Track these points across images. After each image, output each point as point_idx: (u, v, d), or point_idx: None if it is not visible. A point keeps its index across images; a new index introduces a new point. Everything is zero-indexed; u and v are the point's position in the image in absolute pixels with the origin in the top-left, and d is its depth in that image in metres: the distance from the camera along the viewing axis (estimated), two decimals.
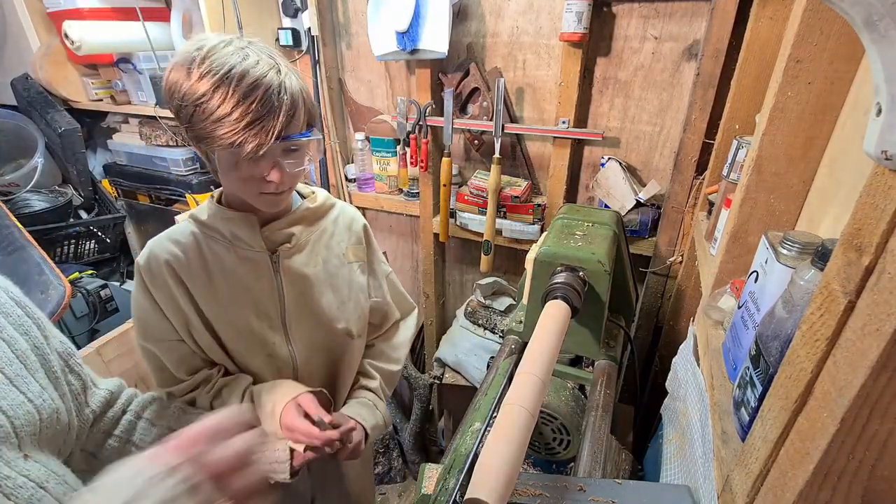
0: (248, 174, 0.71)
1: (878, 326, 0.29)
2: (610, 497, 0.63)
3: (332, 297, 0.89)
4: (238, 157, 0.69)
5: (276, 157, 0.72)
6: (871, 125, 0.30)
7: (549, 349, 0.68)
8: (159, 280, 0.79)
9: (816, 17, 0.61)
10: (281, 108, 0.67)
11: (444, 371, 1.83)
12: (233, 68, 0.65)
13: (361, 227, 0.97)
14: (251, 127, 0.65)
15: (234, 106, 0.64)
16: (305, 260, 0.86)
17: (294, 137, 0.71)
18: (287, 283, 0.84)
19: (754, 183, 0.74)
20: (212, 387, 0.85)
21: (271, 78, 0.67)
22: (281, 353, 0.87)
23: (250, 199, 0.76)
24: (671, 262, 1.39)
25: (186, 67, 0.66)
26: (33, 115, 1.96)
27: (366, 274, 0.97)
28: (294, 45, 1.61)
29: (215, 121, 0.65)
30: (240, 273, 0.82)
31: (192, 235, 0.81)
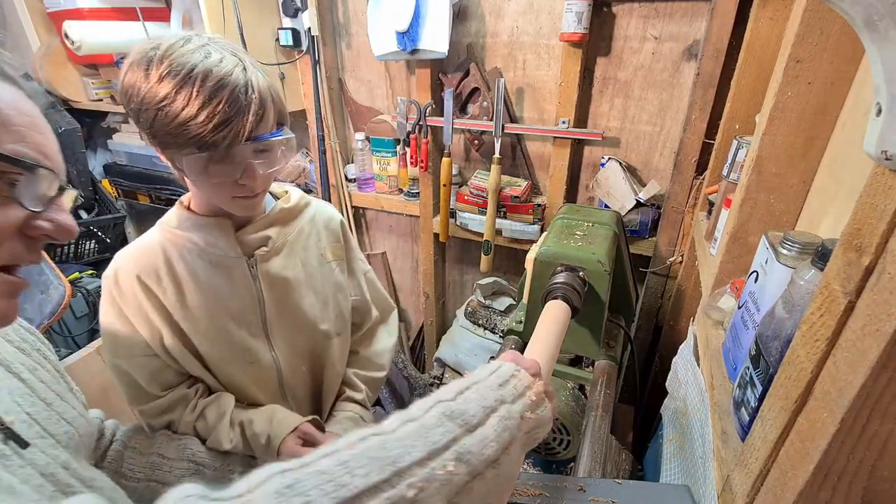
0: (218, 178, 0.67)
1: (878, 326, 0.29)
2: (610, 497, 0.63)
3: (314, 298, 0.87)
4: (207, 162, 0.65)
5: (247, 158, 0.67)
6: (871, 125, 0.30)
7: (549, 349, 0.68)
8: (128, 293, 0.75)
9: (816, 17, 0.61)
10: (249, 107, 0.63)
11: (444, 371, 1.83)
12: (195, 67, 0.61)
13: (339, 225, 0.94)
14: (219, 129, 0.62)
15: (200, 108, 0.60)
16: (283, 262, 0.82)
17: (265, 137, 0.68)
18: (266, 288, 0.81)
19: (754, 183, 0.74)
20: (193, 408, 0.81)
21: (237, 76, 0.63)
22: (264, 360, 0.84)
23: (223, 205, 0.72)
24: (671, 262, 1.39)
25: (144, 68, 0.61)
26: None
27: (345, 273, 0.94)
28: (294, 45, 1.61)
29: (180, 124, 0.61)
30: (214, 281, 0.78)
31: (161, 245, 0.77)
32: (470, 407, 0.42)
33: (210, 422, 0.81)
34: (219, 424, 0.80)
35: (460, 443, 0.38)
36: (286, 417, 0.82)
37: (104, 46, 1.79)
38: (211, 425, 0.81)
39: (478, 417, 0.41)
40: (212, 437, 0.80)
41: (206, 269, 0.77)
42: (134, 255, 0.76)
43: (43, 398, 0.54)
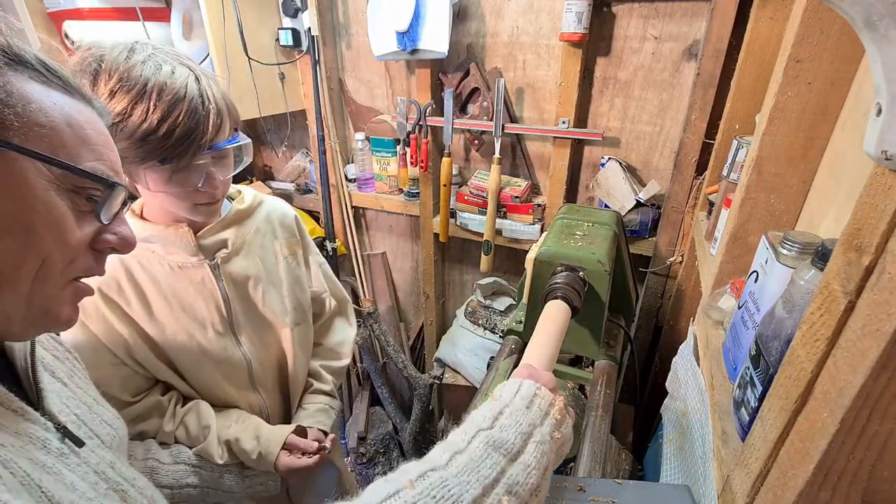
0: (179, 189, 0.68)
1: (878, 326, 0.29)
2: (610, 497, 0.63)
3: (275, 293, 0.89)
4: (168, 174, 0.65)
5: (207, 167, 0.69)
6: (871, 125, 0.30)
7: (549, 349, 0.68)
8: (90, 308, 0.75)
9: (816, 17, 0.61)
10: (208, 117, 0.65)
11: (444, 371, 1.83)
12: (148, 81, 0.61)
13: (293, 221, 0.96)
14: (181, 142, 0.62)
15: (160, 121, 0.60)
16: (244, 262, 0.84)
17: (223, 146, 0.69)
18: (230, 288, 0.82)
19: (754, 183, 0.74)
20: (171, 416, 0.82)
21: (192, 87, 0.64)
22: (234, 357, 0.85)
23: (183, 213, 0.73)
24: (671, 262, 1.39)
25: (89, 82, 0.61)
26: None
27: (301, 266, 0.97)
28: (294, 45, 1.61)
29: (140, 139, 0.60)
30: (178, 288, 0.78)
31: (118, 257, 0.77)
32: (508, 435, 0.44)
33: (192, 432, 0.82)
34: (206, 439, 0.82)
35: (507, 474, 0.41)
36: (272, 434, 0.86)
37: None
38: (194, 436, 0.82)
39: (517, 445, 0.44)
40: (201, 449, 0.82)
41: (168, 275, 0.78)
42: None
43: (84, 402, 0.56)
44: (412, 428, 2.07)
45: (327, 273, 1.07)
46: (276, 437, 0.86)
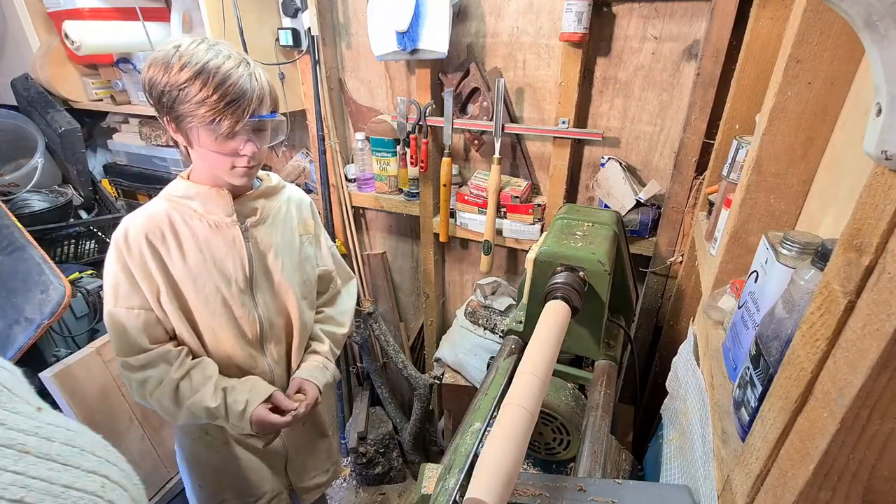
0: (225, 149, 0.83)
1: (878, 326, 0.29)
2: (610, 497, 0.63)
3: (289, 263, 1.02)
4: (217, 134, 0.80)
5: (248, 134, 0.84)
6: (871, 125, 0.30)
7: (549, 349, 0.68)
8: (135, 250, 0.87)
9: (816, 17, 0.61)
10: (253, 92, 0.81)
11: (444, 371, 1.83)
12: (209, 62, 0.78)
13: (309, 205, 1.12)
14: (229, 107, 0.78)
15: (214, 90, 0.77)
16: (268, 230, 0.98)
17: (264, 117, 0.85)
18: (255, 251, 0.96)
19: (754, 183, 0.74)
20: (180, 365, 0.93)
21: (242, 70, 0.81)
22: (250, 315, 0.98)
23: (223, 174, 0.87)
24: (671, 262, 1.39)
25: (164, 63, 0.78)
26: (33, 115, 1.95)
27: (313, 246, 1.11)
28: (294, 45, 1.61)
29: (198, 102, 0.77)
30: (212, 243, 0.91)
31: (166, 212, 0.90)
32: None
33: (195, 382, 0.93)
34: (204, 385, 0.93)
35: None
36: (264, 387, 0.98)
37: (104, 46, 1.79)
38: (195, 386, 0.92)
39: None
40: (196, 397, 0.91)
41: (205, 231, 0.91)
42: (143, 218, 0.89)
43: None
44: (412, 428, 2.07)
45: (335, 255, 1.20)
46: (264, 389, 0.98)
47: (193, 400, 0.92)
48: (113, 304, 0.89)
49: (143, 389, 0.91)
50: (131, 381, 0.92)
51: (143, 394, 0.92)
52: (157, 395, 0.91)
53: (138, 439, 1.47)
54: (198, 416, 0.93)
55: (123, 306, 0.89)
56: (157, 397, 0.91)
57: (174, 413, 0.93)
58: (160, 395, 0.91)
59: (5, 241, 1.41)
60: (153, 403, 0.93)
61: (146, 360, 0.91)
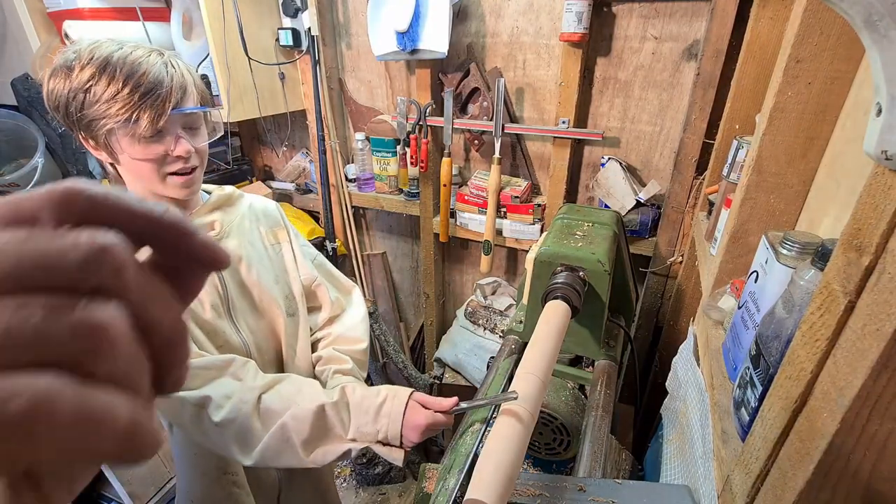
0: (152, 153, 0.71)
1: (878, 326, 0.29)
2: (610, 497, 0.63)
3: (267, 275, 0.89)
4: (138, 134, 0.69)
5: (176, 131, 0.72)
6: (871, 125, 0.30)
7: (549, 349, 0.68)
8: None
9: (816, 17, 0.61)
10: (172, 80, 0.69)
11: (444, 371, 1.83)
12: (113, 54, 0.67)
13: (275, 209, 0.98)
14: (145, 98, 0.67)
15: (125, 82, 0.66)
16: (236, 244, 0.86)
17: (190, 109, 0.73)
18: (226, 270, 0.82)
19: (754, 183, 0.74)
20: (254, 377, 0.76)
21: (154, 58, 0.70)
22: (233, 343, 0.84)
23: (158, 187, 0.74)
24: (671, 262, 1.39)
25: (66, 68, 0.67)
26: (33, 115, 1.96)
27: (286, 254, 0.96)
28: (294, 45, 1.61)
29: (108, 100, 0.66)
30: None
31: None
32: None
33: (285, 392, 0.75)
34: (300, 390, 0.76)
35: None
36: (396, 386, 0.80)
37: None
38: (286, 395, 0.74)
39: None
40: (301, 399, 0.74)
41: None
42: None
43: None
44: None
45: (322, 265, 1.04)
46: (401, 387, 0.80)
47: (299, 408, 0.72)
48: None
49: (203, 412, 0.70)
50: (186, 405, 0.70)
51: (199, 419, 0.70)
52: (229, 413, 0.70)
53: None
54: (300, 431, 0.72)
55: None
56: (230, 416, 0.70)
57: (257, 434, 0.71)
58: (235, 411, 0.70)
59: None
60: (222, 428, 0.70)
61: (205, 365, 0.72)
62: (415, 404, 0.76)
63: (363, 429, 0.74)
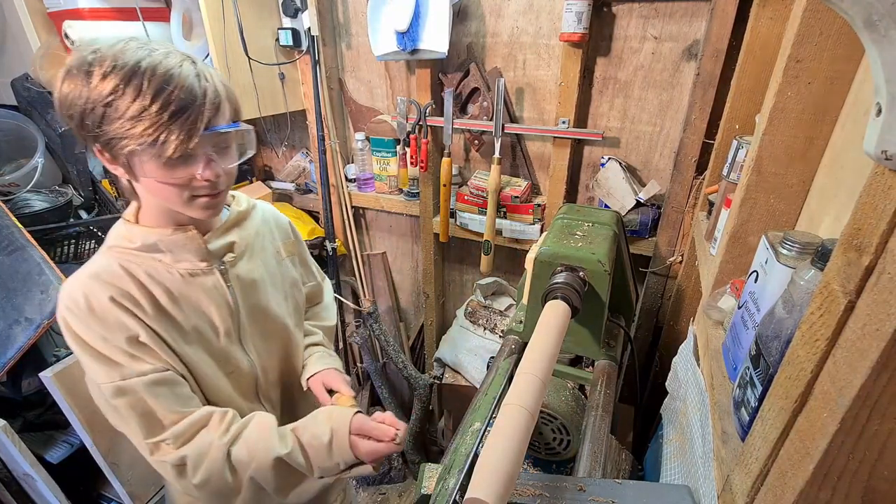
0: (178, 177, 0.64)
1: (878, 326, 0.29)
2: (610, 497, 0.63)
3: (277, 296, 0.87)
4: (165, 157, 0.60)
5: (207, 152, 0.64)
6: (871, 125, 0.30)
7: (549, 349, 0.68)
8: (110, 319, 0.67)
9: (816, 17, 0.61)
10: (205, 96, 0.61)
11: (444, 371, 1.83)
12: (141, 60, 0.58)
13: (287, 223, 0.96)
14: (175, 118, 0.58)
15: (153, 98, 0.57)
16: (249, 265, 0.81)
17: (223, 128, 0.65)
18: (239, 293, 0.79)
19: (754, 183, 0.74)
20: (224, 430, 0.73)
21: (186, 68, 0.61)
22: (243, 367, 0.82)
23: (182, 209, 0.68)
24: (671, 262, 1.39)
25: (84, 71, 0.59)
26: (33, 115, 1.95)
27: (297, 267, 0.96)
28: (294, 45, 1.61)
29: (132, 118, 0.57)
30: (189, 295, 0.73)
31: (123, 269, 0.70)
32: None
33: (251, 442, 0.73)
34: (266, 439, 0.73)
35: None
36: (342, 411, 0.78)
37: None
38: (252, 447, 0.72)
39: None
40: (260, 455, 0.72)
41: (179, 284, 0.73)
42: (94, 281, 0.68)
43: None
44: (412, 428, 2.06)
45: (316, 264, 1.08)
46: (344, 413, 0.77)
47: (258, 461, 0.71)
48: (119, 378, 0.67)
49: (184, 471, 0.69)
50: (165, 466, 0.70)
51: (182, 477, 0.70)
52: (205, 472, 0.69)
53: None
54: (267, 481, 0.72)
55: (134, 375, 0.67)
56: (205, 476, 0.69)
57: (233, 489, 0.71)
58: (209, 470, 0.69)
59: (5, 241, 1.42)
60: (202, 488, 0.70)
61: (182, 430, 0.70)
62: (355, 439, 0.74)
63: (323, 465, 0.74)
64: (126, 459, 1.43)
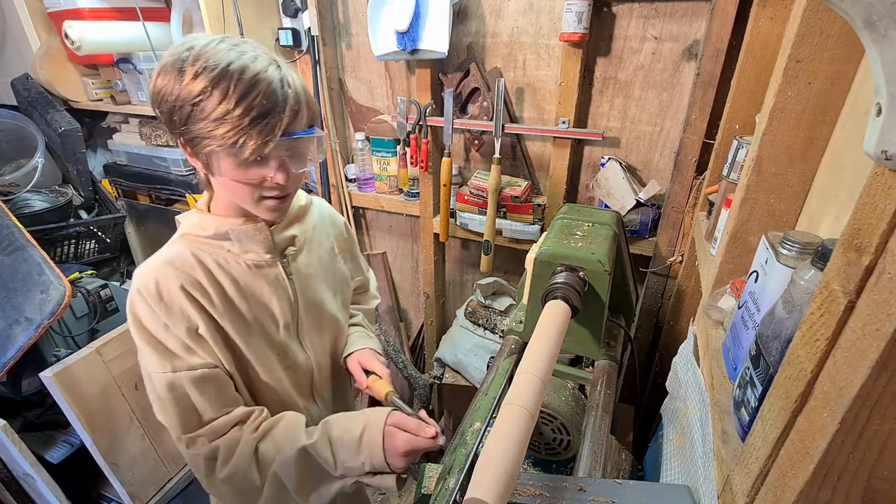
0: (252, 177, 0.66)
1: (878, 326, 0.29)
2: (610, 497, 0.63)
3: (329, 291, 0.89)
4: (241, 159, 0.64)
5: (280, 156, 0.67)
6: (871, 125, 0.30)
7: (549, 349, 0.68)
8: (175, 307, 0.70)
9: (816, 17, 0.61)
10: (286, 102, 0.64)
11: (444, 371, 1.83)
12: (231, 63, 0.61)
13: (342, 220, 0.98)
14: (256, 123, 0.61)
15: (237, 102, 0.60)
16: (307, 259, 0.84)
17: (299, 134, 0.67)
18: (298, 286, 0.81)
19: (754, 183, 0.74)
20: (255, 427, 0.74)
21: (272, 73, 0.63)
22: (300, 361, 0.84)
23: (251, 207, 0.71)
24: (671, 262, 1.39)
25: (177, 69, 0.61)
26: (33, 115, 1.96)
27: (348, 263, 0.98)
28: (294, 45, 1.61)
29: (216, 119, 0.60)
30: (254, 287, 0.76)
31: (195, 256, 0.73)
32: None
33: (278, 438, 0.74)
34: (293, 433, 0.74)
35: None
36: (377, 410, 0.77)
37: (104, 46, 1.79)
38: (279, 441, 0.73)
39: None
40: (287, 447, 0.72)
41: (245, 274, 0.75)
42: (168, 267, 0.71)
43: None
44: None
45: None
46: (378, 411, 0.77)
47: (283, 455, 0.71)
48: (170, 370, 0.70)
49: (213, 465, 0.72)
50: (198, 460, 0.72)
51: (211, 473, 0.72)
52: (232, 467, 0.71)
53: (138, 439, 1.47)
54: (289, 477, 0.72)
55: (184, 369, 0.70)
56: (232, 471, 0.71)
57: (257, 487, 0.72)
58: (236, 466, 0.71)
59: (5, 241, 1.42)
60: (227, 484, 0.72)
61: (220, 427, 0.72)
62: (392, 429, 0.73)
63: (348, 464, 0.73)
64: (126, 459, 1.43)
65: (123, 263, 2.26)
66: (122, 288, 1.71)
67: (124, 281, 2.19)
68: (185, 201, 2.03)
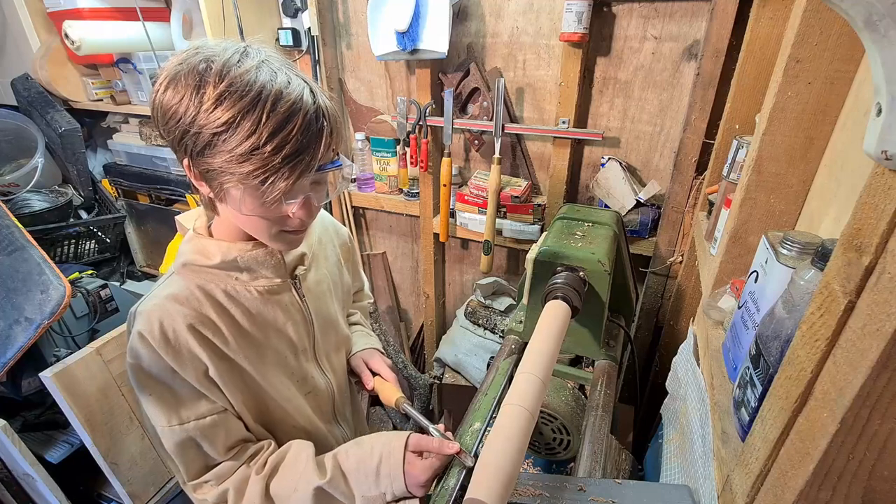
0: (272, 214, 0.59)
1: (878, 326, 0.29)
2: (610, 497, 0.63)
3: (337, 305, 0.85)
4: (266, 198, 0.55)
5: (306, 191, 0.60)
6: (871, 125, 0.30)
7: (549, 349, 0.68)
8: (183, 349, 0.63)
9: (816, 17, 0.61)
10: (321, 135, 0.55)
11: (444, 371, 1.83)
12: (263, 89, 0.52)
13: (345, 230, 0.94)
14: (288, 161, 0.53)
15: (270, 136, 0.51)
16: (316, 276, 0.78)
17: (329, 168, 0.60)
18: (312, 307, 0.76)
19: (754, 183, 0.74)
20: (262, 463, 0.70)
21: (307, 100, 0.55)
22: (320, 386, 0.79)
23: (266, 240, 0.65)
24: (671, 262, 1.39)
25: (194, 85, 0.52)
26: (33, 115, 1.96)
27: (349, 273, 0.94)
28: (294, 45, 1.61)
29: (241, 155, 0.51)
30: (267, 314, 0.70)
31: (201, 290, 0.66)
32: None
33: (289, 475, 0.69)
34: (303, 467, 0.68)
35: None
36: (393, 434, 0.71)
37: (104, 46, 1.79)
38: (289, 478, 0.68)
39: None
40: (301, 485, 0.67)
41: (256, 303, 0.69)
42: (174, 304, 0.64)
43: None
44: (412, 428, 2.06)
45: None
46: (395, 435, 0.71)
47: (298, 493, 0.67)
48: (177, 422, 0.64)
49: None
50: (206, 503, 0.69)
51: None
52: None
53: (138, 439, 1.47)
54: None
55: (192, 419, 0.65)
56: None
57: None
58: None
59: (5, 241, 1.41)
60: None
61: (225, 471, 0.68)
62: (412, 458, 0.67)
63: (367, 494, 0.67)
64: (126, 459, 1.43)
65: (123, 263, 2.26)
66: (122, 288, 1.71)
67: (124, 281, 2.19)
68: (185, 201, 2.03)
